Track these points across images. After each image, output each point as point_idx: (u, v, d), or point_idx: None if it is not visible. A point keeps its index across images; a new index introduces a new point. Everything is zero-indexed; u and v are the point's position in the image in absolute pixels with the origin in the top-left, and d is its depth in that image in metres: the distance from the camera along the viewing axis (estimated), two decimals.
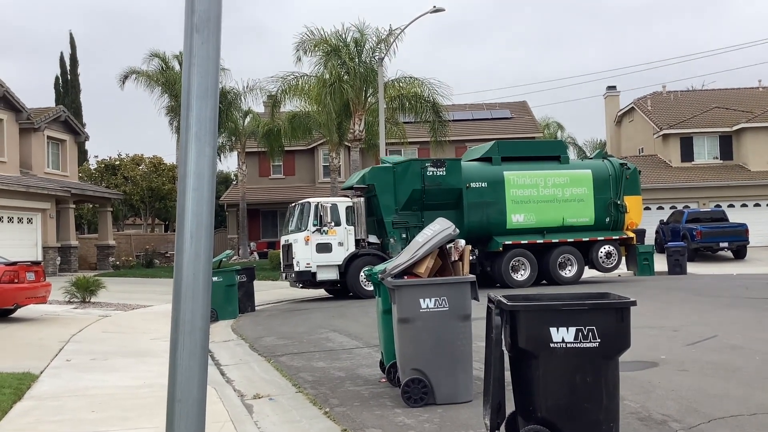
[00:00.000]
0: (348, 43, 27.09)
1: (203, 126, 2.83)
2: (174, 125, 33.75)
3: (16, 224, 26.50)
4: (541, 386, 4.55)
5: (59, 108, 33.00)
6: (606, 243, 19.82)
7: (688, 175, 35.57)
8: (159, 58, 33.27)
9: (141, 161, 47.34)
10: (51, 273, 25.27)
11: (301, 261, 17.94)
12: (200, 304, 2.80)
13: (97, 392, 7.43)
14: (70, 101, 45.39)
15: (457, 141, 35.53)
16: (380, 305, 7.21)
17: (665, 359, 8.01)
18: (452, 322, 6.35)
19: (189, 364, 2.78)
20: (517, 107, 43.90)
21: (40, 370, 8.41)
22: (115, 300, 17.32)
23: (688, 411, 5.81)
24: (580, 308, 4.54)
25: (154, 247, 38.03)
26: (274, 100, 30.72)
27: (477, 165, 19.70)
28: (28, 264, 13.62)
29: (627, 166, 20.67)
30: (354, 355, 9.49)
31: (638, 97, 42.42)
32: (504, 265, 18.95)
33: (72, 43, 48.62)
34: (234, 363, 9.54)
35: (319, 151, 39.34)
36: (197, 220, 2.81)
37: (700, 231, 27.44)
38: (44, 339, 11.12)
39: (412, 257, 6.60)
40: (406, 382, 6.36)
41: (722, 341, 9.19)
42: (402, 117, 30.72)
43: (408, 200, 18.50)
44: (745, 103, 39.01)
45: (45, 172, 30.56)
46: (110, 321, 13.98)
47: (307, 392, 7.21)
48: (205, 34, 2.86)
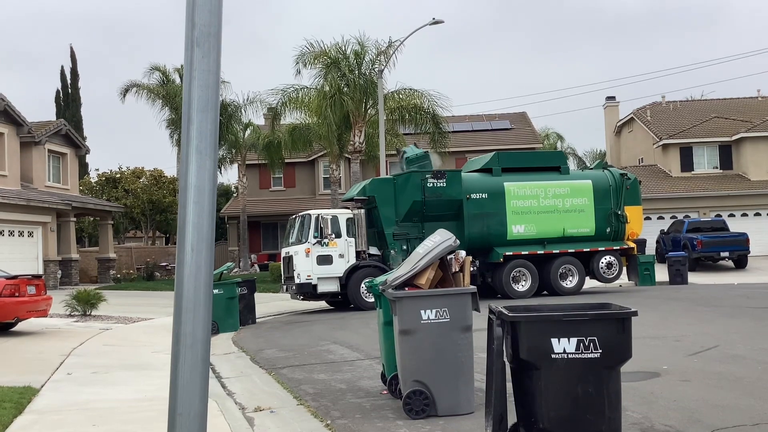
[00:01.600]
0: (348, 55, 27.17)
1: (204, 139, 2.84)
2: (175, 138, 33.80)
3: (17, 237, 26.52)
4: (543, 397, 4.54)
5: (60, 122, 33.10)
6: (607, 253, 19.83)
7: (688, 185, 35.58)
8: (160, 72, 33.38)
9: (142, 174, 47.40)
10: (52, 286, 25.25)
11: (302, 273, 17.94)
12: (201, 317, 2.80)
13: (98, 406, 7.41)
14: (71, 115, 45.58)
15: (456, 152, 35.56)
16: (381, 317, 7.20)
17: (667, 369, 7.99)
18: (453, 334, 6.34)
19: (190, 377, 2.77)
20: (517, 118, 43.98)
21: (41, 384, 8.39)
22: (116, 313, 17.29)
23: (690, 421, 5.79)
24: (582, 319, 4.54)
25: (155, 260, 38.01)
26: (274, 113, 30.79)
27: (477, 176, 19.74)
28: (29, 277, 13.60)
29: (627, 176, 20.69)
30: (355, 367, 9.47)
31: (638, 108, 42.47)
32: (505, 276, 18.95)
33: (72, 57, 48.91)
34: (235, 375, 9.52)
35: (320, 163, 39.38)
36: (198, 232, 2.81)
37: (701, 241, 27.42)
38: (45, 352, 11.10)
39: (412, 269, 6.60)
40: (408, 394, 6.34)
41: (724, 351, 9.17)
42: (402, 128, 30.75)
43: (408, 212, 18.52)
44: (744, 113, 39.05)
45: (46, 186, 30.60)
46: (111, 334, 13.95)
47: (309, 405, 7.19)
48: (205, 47, 2.88)
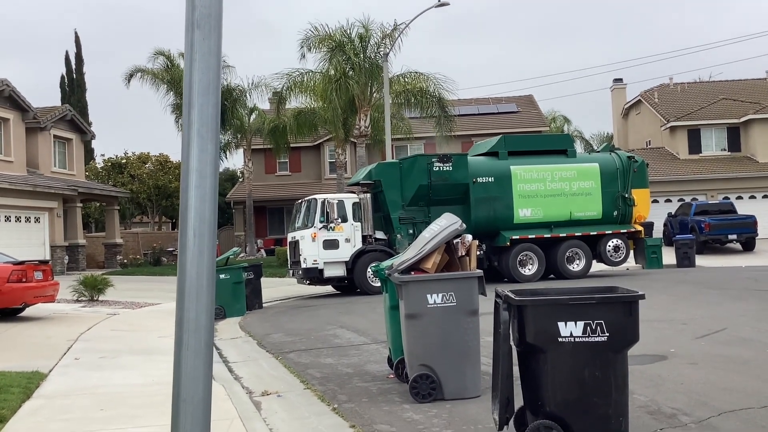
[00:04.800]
0: (353, 38, 27.02)
1: (205, 122, 2.80)
2: (179, 123, 33.75)
3: (23, 223, 26.60)
4: (550, 381, 4.52)
5: (65, 107, 33.09)
6: (614, 236, 19.75)
7: (695, 167, 35.39)
8: (164, 56, 33.26)
9: (147, 159, 47.41)
10: (59, 272, 25.35)
11: (308, 258, 17.95)
12: (204, 302, 2.77)
13: (106, 390, 7.44)
14: (76, 100, 45.55)
15: (463, 136, 35.44)
16: (387, 301, 7.19)
17: (674, 353, 7.97)
18: (460, 318, 6.33)
19: (194, 363, 2.75)
20: (524, 101, 43.75)
21: (48, 369, 8.43)
22: (123, 298, 17.36)
23: (697, 404, 5.78)
24: (589, 302, 4.51)
25: (162, 245, 38.11)
26: (279, 97, 30.66)
27: (483, 160, 19.65)
28: (35, 263, 13.66)
29: (635, 159, 20.56)
30: (362, 351, 9.48)
31: (645, 90, 42.21)
32: (511, 259, 18.90)
33: (77, 42, 48.78)
34: (242, 360, 9.54)
35: (325, 148, 39.29)
36: (200, 217, 2.78)
37: (709, 223, 27.30)
38: (53, 338, 11.15)
39: (419, 253, 6.57)
40: (414, 378, 6.34)
41: (731, 334, 9.14)
42: (408, 112, 30.64)
43: (414, 196, 18.47)
44: (752, 95, 38.76)
45: (52, 172, 30.65)
46: (118, 319, 14.01)
47: (316, 389, 7.20)
48: (206, 29, 2.83)
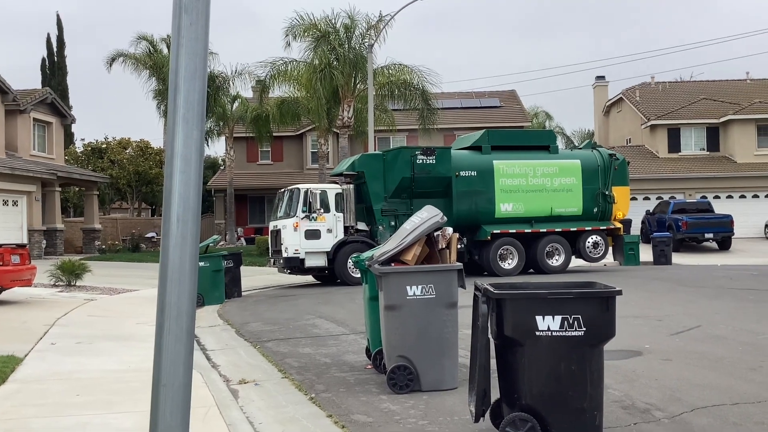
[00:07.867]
0: (338, 28, 26.93)
1: (191, 108, 2.79)
2: (161, 109, 33.45)
3: (1, 206, 26.29)
4: (527, 374, 4.57)
5: (46, 90, 32.67)
6: (593, 233, 19.94)
7: (674, 166, 35.74)
8: (147, 41, 32.91)
9: (128, 145, 46.99)
10: (36, 256, 25.09)
11: (289, 247, 17.93)
12: (187, 288, 2.77)
13: (82, 376, 7.40)
14: (57, 83, 45.02)
15: (445, 129, 35.47)
16: (367, 292, 7.21)
17: (649, 348, 8.07)
18: (439, 310, 6.36)
19: (175, 348, 2.75)
20: (507, 96, 43.88)
21: (24, 354, 8.36)
22: (100, 284, 17.23)
23: (671, 400, 5.86)
24: (566, 297, 4.56)
25: (141, 232, 37.83)
26: (262, 86, 30.52)
27: (467, 153, 19.71)
28: (13, 246, 13.49)
29: (616, 156, 20.74)
30: (340, 341, 9.50)
31: (627, 88, 42.52)
32: (492, 253, 19.01)
33: (59, 25, 48.19)
34: (220, 348, 9.53)
35: (308, 138, 39.17)
36: (184, 202, 2.77)
37: (686, 222, 27.62)
38: (29, 322, 11.06)
39: (399, 244, 6.59)
40: (392, 369, 6.37)
41: (706, 331, 9.27)
42: (391, 104, 30.59)
43: (397, 188, 18.49)
44: (733, 95, 39.16)
45: (31, 155, 30.29)
46: (96, 305, 13.91)
47: (293, 378, 7.21)
48: (193, 14, 2.82)
